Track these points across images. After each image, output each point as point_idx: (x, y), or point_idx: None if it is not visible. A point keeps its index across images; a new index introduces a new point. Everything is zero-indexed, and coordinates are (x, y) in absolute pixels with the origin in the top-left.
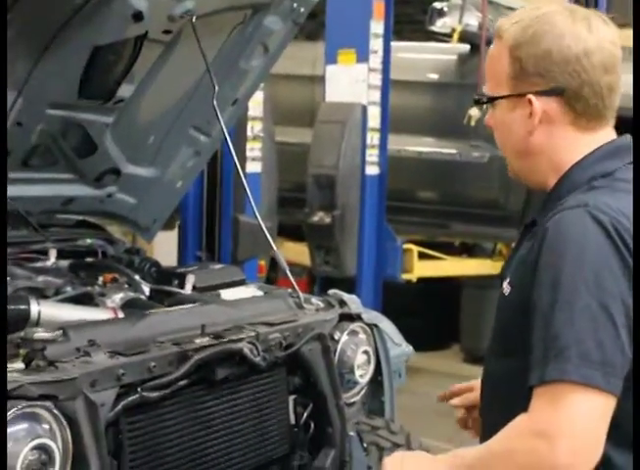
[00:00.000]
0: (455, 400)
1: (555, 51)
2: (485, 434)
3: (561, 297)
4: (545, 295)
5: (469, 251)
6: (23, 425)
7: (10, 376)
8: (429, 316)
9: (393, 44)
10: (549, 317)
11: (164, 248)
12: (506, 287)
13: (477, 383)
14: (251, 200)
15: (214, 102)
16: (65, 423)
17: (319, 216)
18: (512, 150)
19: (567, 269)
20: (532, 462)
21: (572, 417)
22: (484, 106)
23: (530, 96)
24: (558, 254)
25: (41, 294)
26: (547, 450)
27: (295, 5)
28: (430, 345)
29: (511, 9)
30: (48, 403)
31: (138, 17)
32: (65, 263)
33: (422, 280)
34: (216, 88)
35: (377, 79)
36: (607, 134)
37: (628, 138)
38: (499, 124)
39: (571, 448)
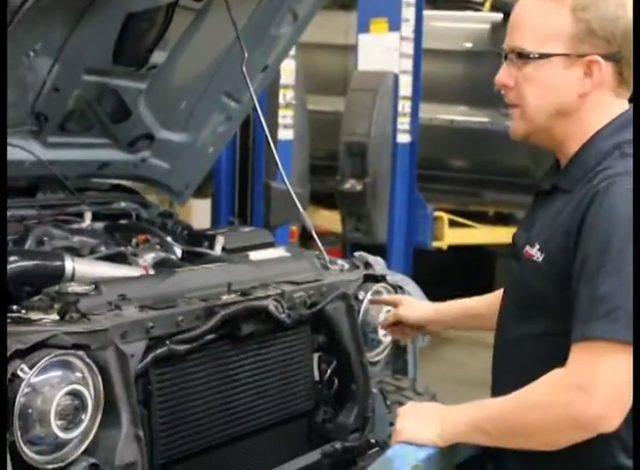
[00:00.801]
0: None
1: (621, 17)
2: (498, 394)
3: (609, 261)
4: (593, 258)
5: (504, 220)
6: (58, 372)
7: (45, 326)
8: (463, 285)
9: (426, 13)
10: (596, 280)
11: (199, 216)
12: (536, 253)
13: (400, 298)
14: (280, 166)
15: (244, 68)
16: (96, 371)
17: (351, 184)
18: (549, 109)
19: (616, 235)
20: (568, 413)
21: (610, 372)
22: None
23: (597, 58)
24: (608, 219)
25: (77, 253)
26: (584, 402)
27: None
28: None
29: None
30: (81, 352)
31: None
32: (99, 225)
33: (457, 249)
34: (246, 55)
35: (409, 48)
36: (626, 102)
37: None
38: (538, 82)
39: (606, 400)
